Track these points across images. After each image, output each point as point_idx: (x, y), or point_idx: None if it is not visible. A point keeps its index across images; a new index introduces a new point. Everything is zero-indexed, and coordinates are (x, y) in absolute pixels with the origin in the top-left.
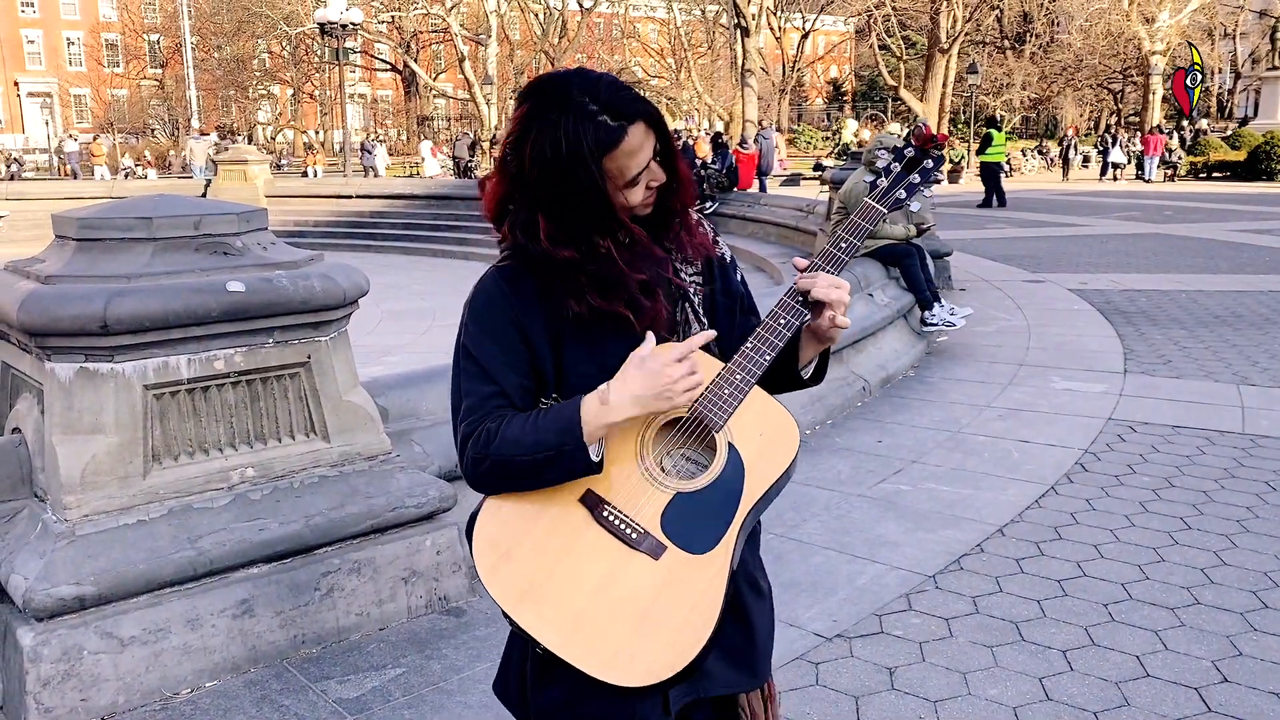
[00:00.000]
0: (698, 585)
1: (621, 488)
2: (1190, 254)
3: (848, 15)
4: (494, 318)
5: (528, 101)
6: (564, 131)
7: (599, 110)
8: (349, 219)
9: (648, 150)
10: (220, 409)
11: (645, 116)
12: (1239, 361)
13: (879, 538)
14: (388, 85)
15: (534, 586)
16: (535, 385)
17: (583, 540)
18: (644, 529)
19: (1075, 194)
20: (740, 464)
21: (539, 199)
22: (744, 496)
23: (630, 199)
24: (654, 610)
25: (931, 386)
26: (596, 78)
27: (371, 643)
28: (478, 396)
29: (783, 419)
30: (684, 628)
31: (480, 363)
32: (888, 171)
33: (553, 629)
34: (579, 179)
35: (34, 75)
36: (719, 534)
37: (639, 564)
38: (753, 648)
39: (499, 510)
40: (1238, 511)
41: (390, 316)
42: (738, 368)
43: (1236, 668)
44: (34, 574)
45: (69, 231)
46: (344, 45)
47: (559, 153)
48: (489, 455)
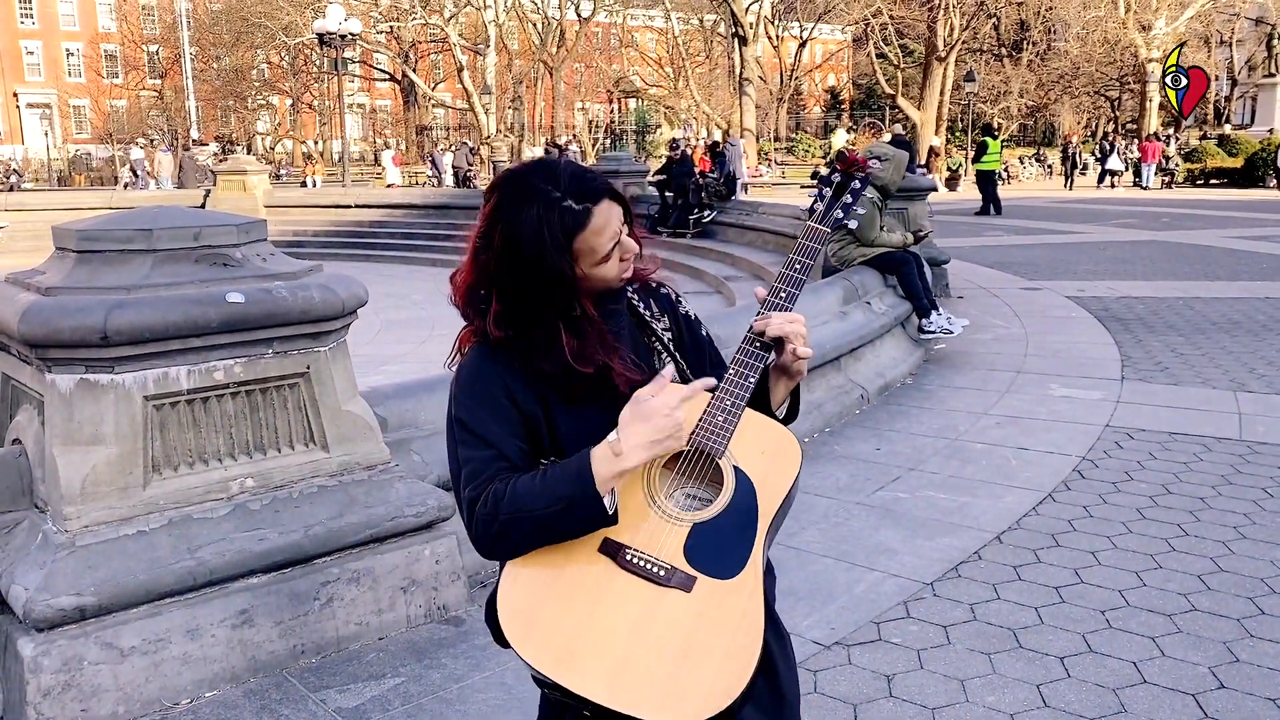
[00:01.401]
0: (736, 609)
1: (638, 530)
2: (1187, 261)
3: (845, 24)
4: (483, 387)
5: (494, 194)
6: (530, 219)
7: (562, 196)
8: (348, 229)
9: (615, 225)
10: (220, 419)
11: (608, 193)
12: (1236, 368)
13: (877, 545)
14: (386, 95)
15: (569, 645)
16: (531, 448)
17: (611, 589)
18: (670, 565)
19: (1072, 201)
20: (750, 484)
21: (501, 285)
22: (760, 514)
23: (607, 274)
24: (696, 642)
25: (929, 394)
26: (556, 165)
27: (371, 652)
28: (478, 462)
29: (780, 433)
30: (731, 653)
31: (475, 430)
32: (821, 197)
33: (598, 683)
34: (546, 264)
35: (33, 86)
36: (745, 555)
37: (672, 600)
38: (783, 701)
39: (518, 576)
40: (1235, 518)
41: (389, 326)
42: (725, 394)
43: (1234, 674)
44: (34, 585)
45: (69, 243)
46: (343, 55)
47: (526, 240)
48: (499, 515)
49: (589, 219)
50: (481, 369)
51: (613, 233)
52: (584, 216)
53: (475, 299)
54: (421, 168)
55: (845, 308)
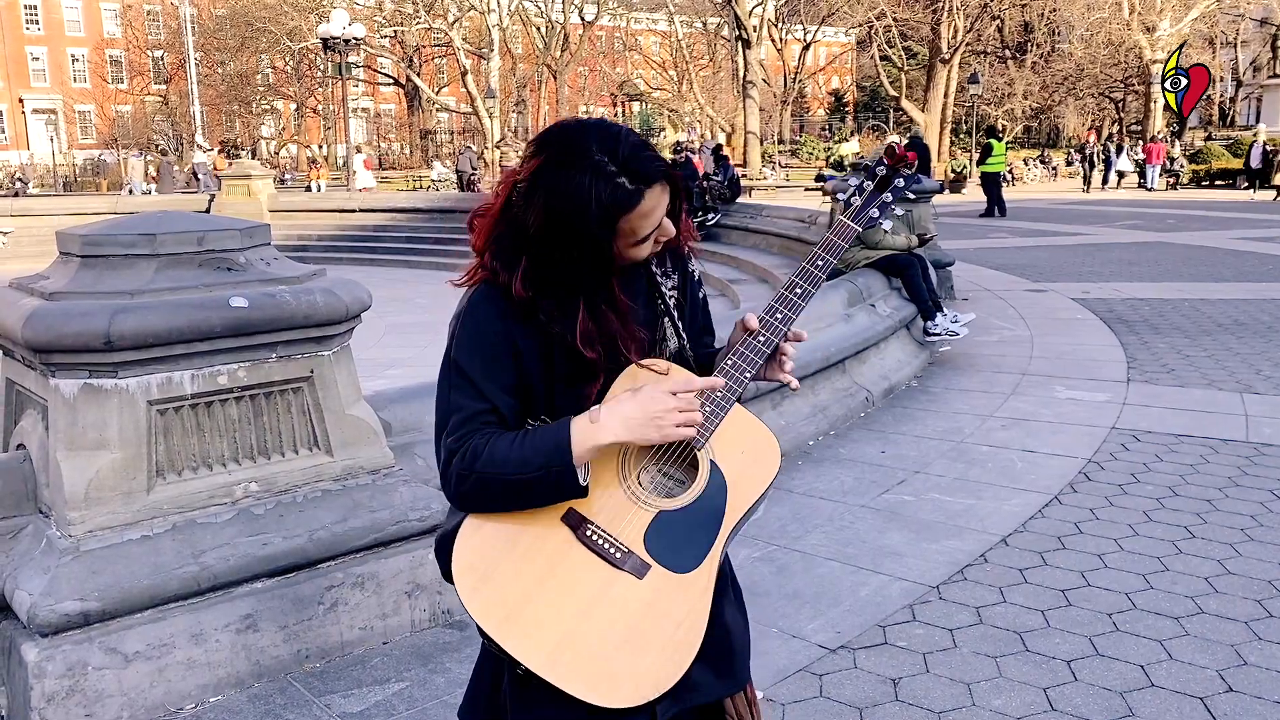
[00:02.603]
0: (683, 604)
1: (605, 506)
2: (1193, 262)
3: (849, 26)
4: (487, 333)
5: (544, 152)
6: (578, 190)
7: (618, 171)
8: (352, 233)
9: (661, 210)
10: (224, 424)
11: (663, 178)
12: (1242, 370)
13: (882, 548)
14: (391, 99)
15: (517, 608)
16: (523, 407)
17: (567, 560)
18: (628, 548)
19: (1077, 203)
20: (723, 482)
21: (531, 248)
22: (727, 514)
23: (638, 254)
24: (639, 630)
25: (934, 396)
26: (616, 133)
27: (375, 656)
28: (466, 412)
29: (764, 436)
30: (670, 647)
31: (470, 378)
32: (860, 190)
33: (538, 651)
34: (586, 237)
35: (39, 92)
36: (703, 552)
37: (624, 584)
38: (731, 653)
39: (479, 529)
40: (1242, 520)
41: (393, 330)
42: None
43: (1242, 677)
44: (38, 590)
45: (73, 248)
46: (347, 60)
47: (571, 211)
48: (474, 472)
49: (639, 201)
50: (488, 314)
51: (657, 218)
52: (635, 198)
53: (503, 251)
54: (425, 171)
55: (850, 310)
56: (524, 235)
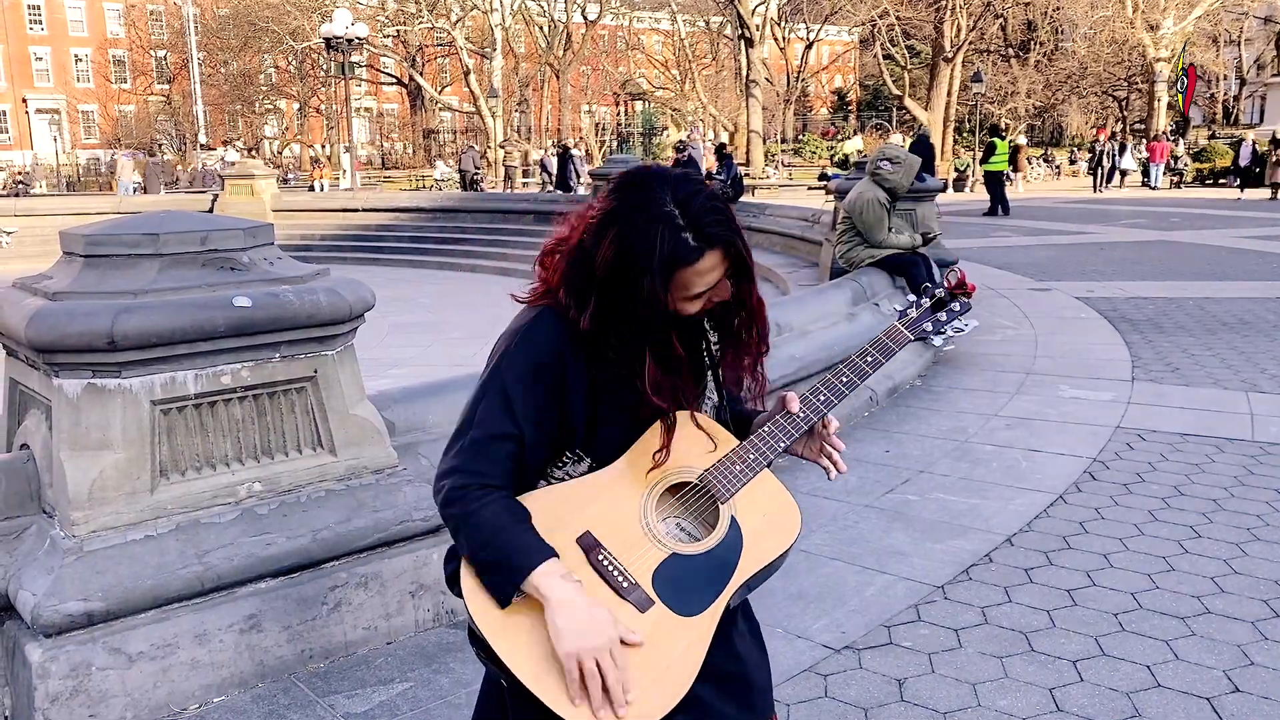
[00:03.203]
0: (678, 646)
1: (620, 536)
2: (1197, 261)
3: (852, 25)
4: (538, 360)
5: (618, 195)
6: (645, 235)
7: (684, 226)
8: (356, 233)
9: (717, 273)
10: (227, 424)
11: (725, 245)
12: (1247, 369)
13: (887, 548)
14: (393, 99)
15: (517, 615)
16: (559, 437)
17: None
18: (635, 580)
19: (1081, 201)
20: (740, 540)
21: (600, 286)
22: (738, 570)
23: (687, 309)
24: (631, 662)
25: (938, 396)
26: (692, 189)
27: (379, 657)
28: (492, 430)
29: (788, 503)
30: (657, 685)
31: (510, 399)
32: (919, 305)
33: (528, 661)
34: (642, 286)
35: (42, 92)
36: (708, 601)
37: (625, 613)
38: (751, 687)
39: None
40: (1248, 519)
41: (397, 329)
42: (752, 448)
43: (1248, 677)
44: (42, 590)
45: (76, 248)
46: (350, 60)
47: (633, 257)
48: (454, 514)
49: (698, 259)
50: (546, 341)
51: (711, 279)
52: (695, 255)
53: (574, 288)
54: (428, 171)
55: (854, 309)
56: (593, 273)
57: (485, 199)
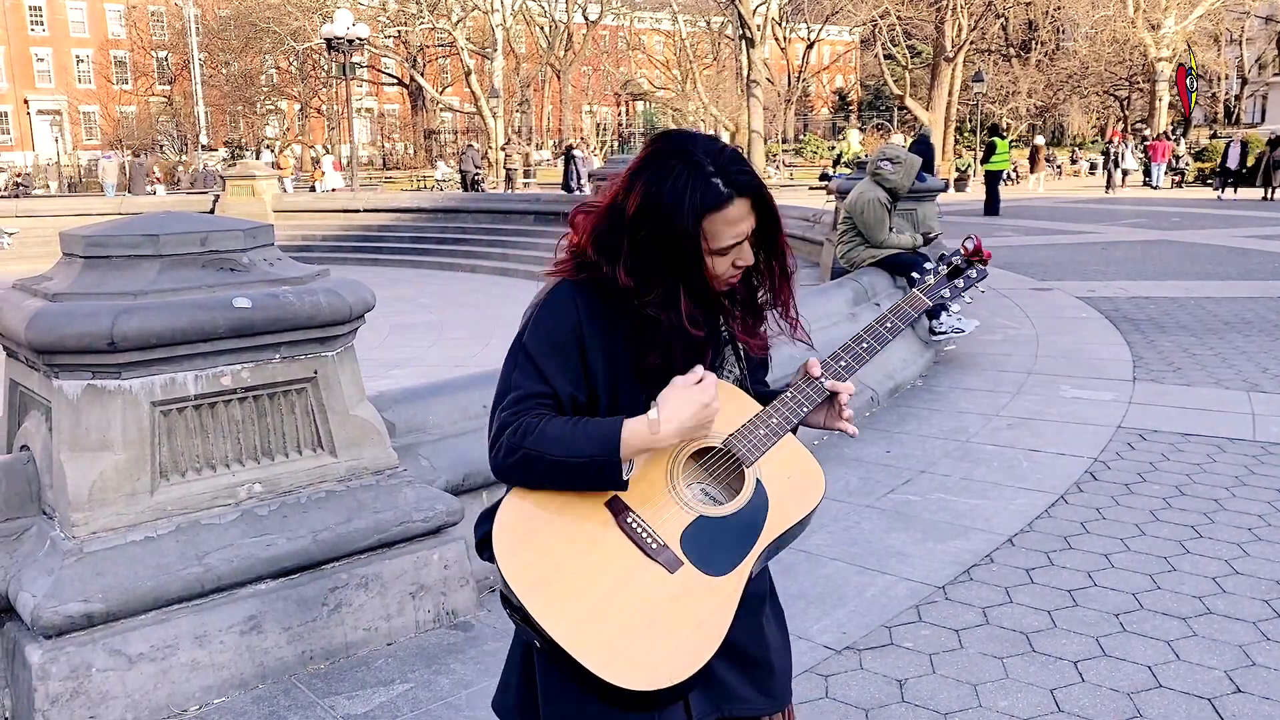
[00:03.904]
0: (708, 605)
1: (648, 500)
2: (1198, 261)
3: (852, 25)
4: (560, 327)
5: (651, 146)
6: (676, 179)
7: (715, 172)
8: (356, 233)
9: (745, 226)
10: (227, 425)
11: (754, 194)
12: (1249, 368)
13: (888, 549)
14: (394, 99)
15: (548, 576)
16: (586, 399)
17: (603, 541)
18: (664, 542)
19: (1082, 201)
20: (765, 501)
21: (630, 232)
22: (765, 531)
23: (715, 267)
24: (662, 620)
25: (939, 396)
26: (721, 147)
27: (379, 658)
28: (525, 390)
29: (812, 466)
30: (688, 643)
31: (537, 364)
32: (936, 272)
33: (561, 620)
34: (675, 226)
35: (43, 93)
36: (736, 561)
37: (654, 573)
38: (772, 672)
39: (524, 500)
40: (1250, 519)
41: (397, 330)
42: (775, 412)
43: (1250, 678)
44: (42, 591)
45: (76, 249)
46: (350, 60)
47: (666, 195)
48: (523, 447)
49: (727, 204)
50: (566, 311)
51: (739, 231)
52: (724, 200)
53: (604, 242)
54: (429, 171)
55: (855, 309)
56: (623, 222)
57: (486, 199)
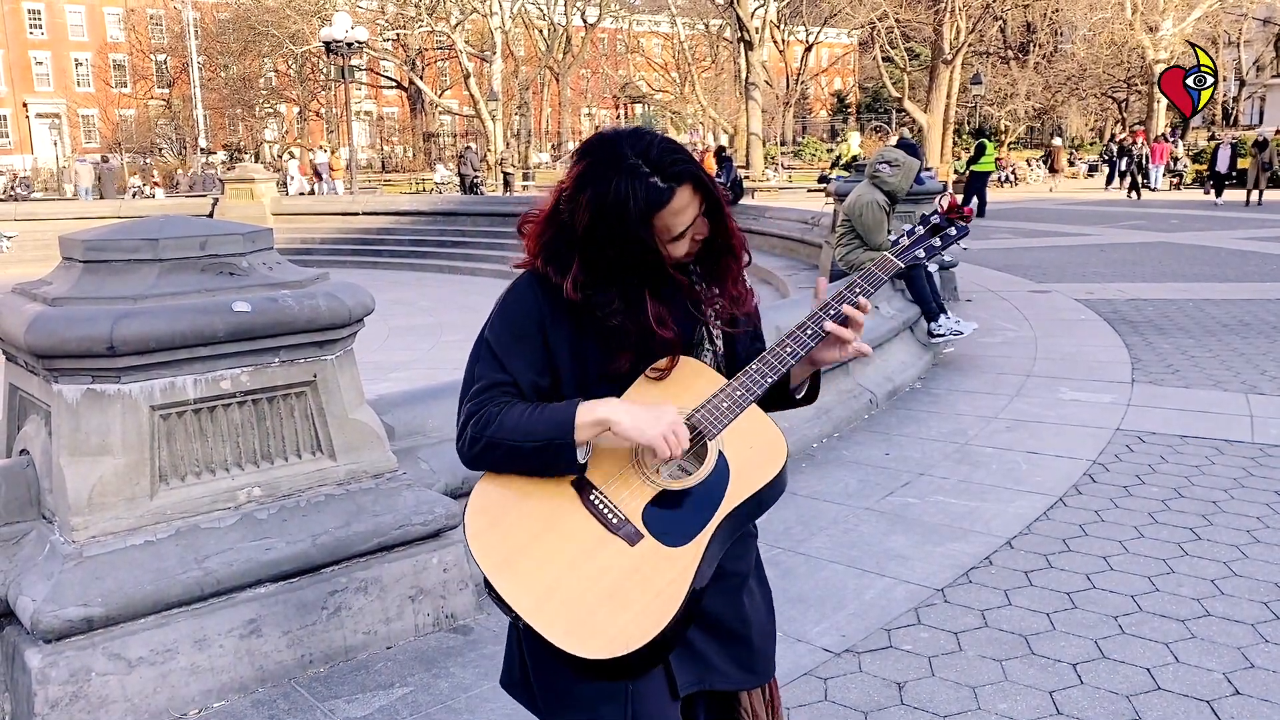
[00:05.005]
0: (666, 575)
1: (612, 477)
2: (1197, 263)
3: (851, 27)
4: (521, 318)
5: (585, 160)
6: (617, 191)
7: (650, 172)
8: (356, 236)
9: (693, 209)
10: (227, 429)
11: (692, 179)
12: (1247, 370)
13: (887, 551)
14: (393, 102)
15: (515, 555)
16: (550, 384)
17: (567, 519)
18: (625, 517)
19: (1080, 203)
20: (726, 471)
21: (582, 248)
22: (724, 501)
23: (674, 251)
24: (621, 591)
25: (938, 398)
26: (648, 139)
27: (379, 661)
28: (488, 380)
29: (773, 435)
30: (646, 612)
31: (498, 354)
32: (911, 233)
33: (526, 596)
34: (626, 234)
35: (42, 97)
36: (694, 532)
37: (615, 547)
38: (751, 649)
39: (493, 484)
40: (1248, 521)
41: (397, 333)
42: (739, 386)
43: (1249, 680)
44: (42, 596)
45: (75, 253)
46: (349, 63)
47: (610, 210)
48: (484, 437)
49: (670, 198)
50: (527, 302)
51: (689, 216)
52: (666, 195)
53: (554, 254)
54: (428, 174)
55: None
56: (574, 237)
57: (485, 202)
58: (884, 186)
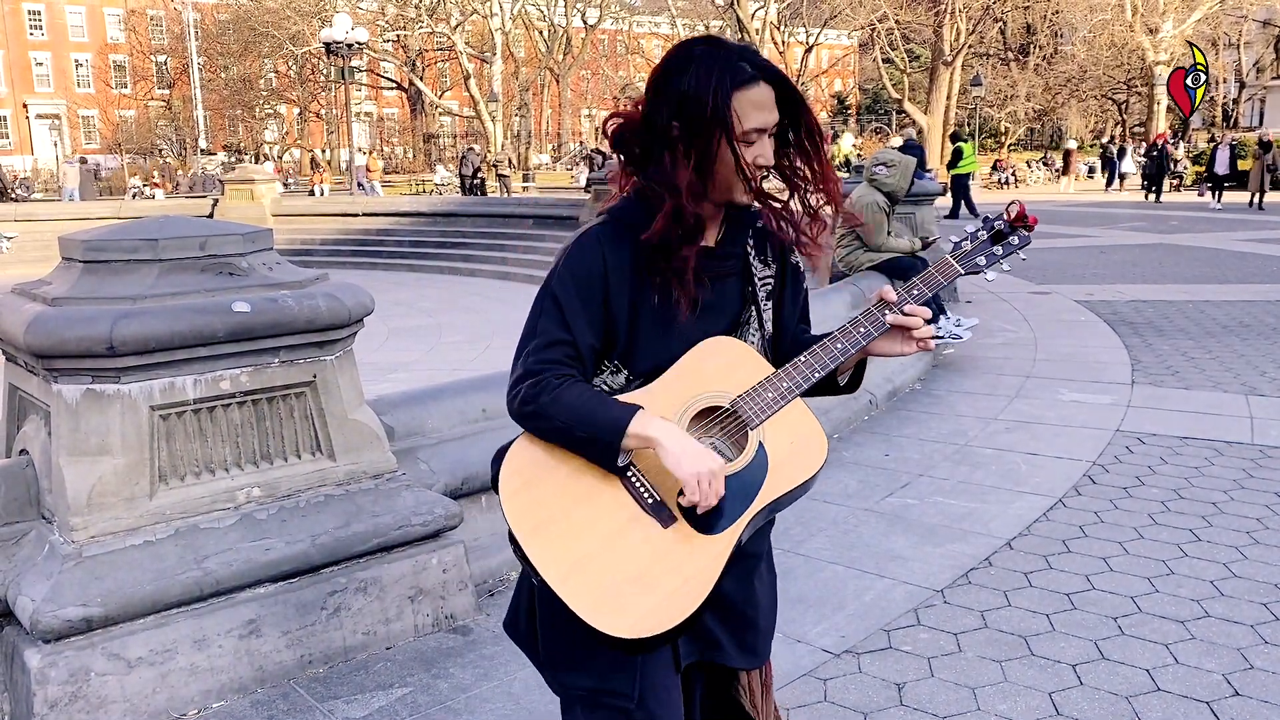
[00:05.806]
0: (697, 562)
1: (652, 457)
2: (1197, 264)
3: (851, 29)
4: (587, 271)
5: (664, 64)
6: (699, 65)
7: (737, 57)
8: (356, 237)
9: (768, 114)
10: (226, 429)
11: (776, 82)
12: (1247, 372)
13: (887, 552)
14: (393, 103)
15: (548, 521)
16: (603, 347)
17: (603, 493)
18: (660, 498)
19: (1080, 205)
20: (766, 463)
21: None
22: (762, 493)
23: (746, 153)
24: (650, 573)
25: (938, 399)
26: (736, 42)
27: (378, 662)
28: (550, 338)
29: (815, 432)
30: (674, 596)
31: (563, 309)
32: (974, 237)
33: (555, 565)
34: (709, 109)
35: (42, 97)
36: (729, 522)
37: (648, 527)
38: (756, 630)
39: (533, 445)
40: (1247, 523)
41: (396, 334)
42: (786, 376)
43: (1248, 681)
44: (41, 596)
45: (75, 253)
46: (349, 64)
47: (691, 81)
48: (538, 403)
49: (753, 85)
50: (593, 254)
51: (763, 119)
52: (750, 80)
53: (625, 142)
54: (428, 175)
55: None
56: (656, 124)
57: (485, 203)
58: (883, 188)
